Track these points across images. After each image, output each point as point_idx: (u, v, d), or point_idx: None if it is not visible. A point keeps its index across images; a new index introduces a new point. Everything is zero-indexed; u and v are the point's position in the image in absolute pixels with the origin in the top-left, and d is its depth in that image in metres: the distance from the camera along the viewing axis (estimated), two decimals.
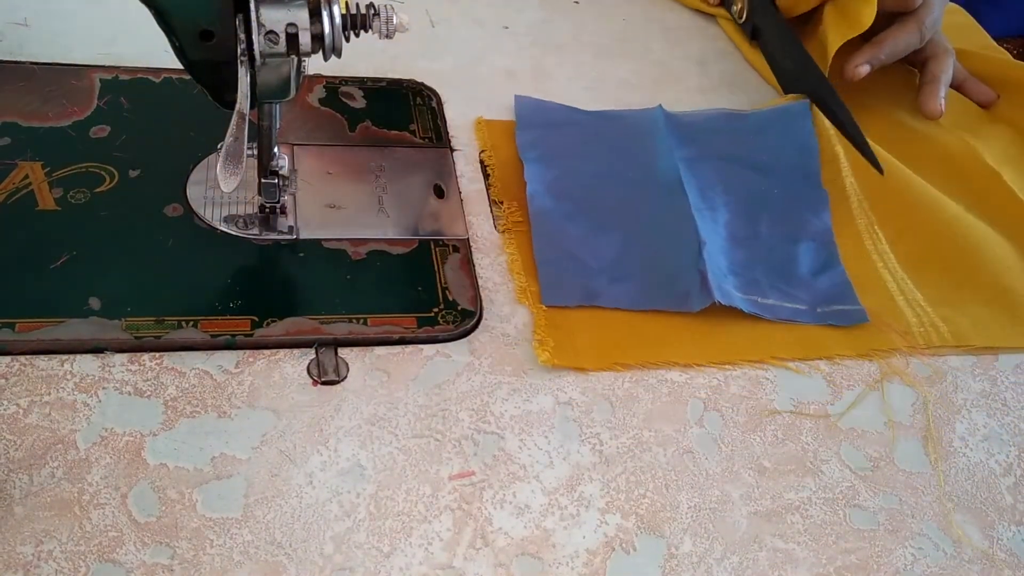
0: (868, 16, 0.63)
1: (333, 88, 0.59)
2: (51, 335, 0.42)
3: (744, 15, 0.71)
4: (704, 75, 0.68)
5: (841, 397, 0.49)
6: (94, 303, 0.43)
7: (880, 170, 0.58)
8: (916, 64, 0.68)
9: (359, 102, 0.58)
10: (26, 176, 0.48)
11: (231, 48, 0.40)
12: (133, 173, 0.50)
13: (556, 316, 0.48)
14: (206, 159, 0.51)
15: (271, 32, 0.39)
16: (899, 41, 0.64)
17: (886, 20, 0.65)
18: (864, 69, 0.64)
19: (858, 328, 0.52)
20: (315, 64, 0.49)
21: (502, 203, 0.54)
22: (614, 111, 0.62)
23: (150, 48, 0.54)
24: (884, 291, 0.54)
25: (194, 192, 0.49)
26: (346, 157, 0.55)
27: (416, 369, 0.45)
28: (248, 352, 0.44)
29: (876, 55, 0.64)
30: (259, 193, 0.48)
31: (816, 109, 0.63)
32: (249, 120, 0.40)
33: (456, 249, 0.50)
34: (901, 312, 0.53)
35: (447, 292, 0.48)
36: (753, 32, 0.71)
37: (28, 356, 0.41)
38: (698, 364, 0.48)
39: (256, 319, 0.44)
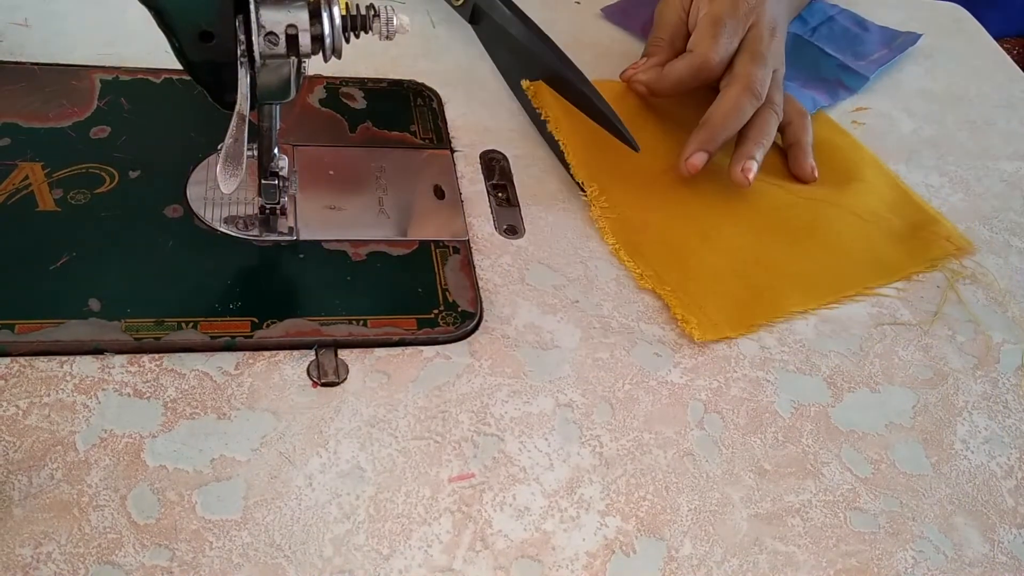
0: None
1: (333, 89, 0.59)
2: (51, 336, 0.42)
3: None
4: None
5: (842, 399, 0.49)
6: (94, 304, 0.43)
7: (635, 147, 0.54)
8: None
9: (359, 103, 0.58)
10: (26, 177, 0.48)
11: (231, 49, 0.40)
12: (133, 174, 0.50)
13: (683, 295, 0.51)
14: (206, 160, 0.51)
15: (271, 33, 0.39)
16: (730, 115, 0.57)
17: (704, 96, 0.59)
18: (701, 158, 0.56)
19: (913, 243, 0.58)
20: (315, 65, 0.49)
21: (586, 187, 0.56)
22: None
23: (150, 49, 0.54)
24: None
25: (194, 193, 0.49)
26: (346, 158, 0.55)
27: (416, 371, 0.45)
28: (248, 353, 0.44)
29: (709, 139, 0.56)
30: (259, 194, 0.48)
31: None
32: (249, 121, 0.40)
33: (456, 250, 0.50)
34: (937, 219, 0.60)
35: (447, 294, 0.48)
36: (473, 15, 0.61)
37: (28, 357, 0.41)
38: (812, 309, 0.53)
39: (256, 320, 0.44)
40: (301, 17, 0.39)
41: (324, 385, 0.43)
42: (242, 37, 0.39)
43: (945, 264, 0.58)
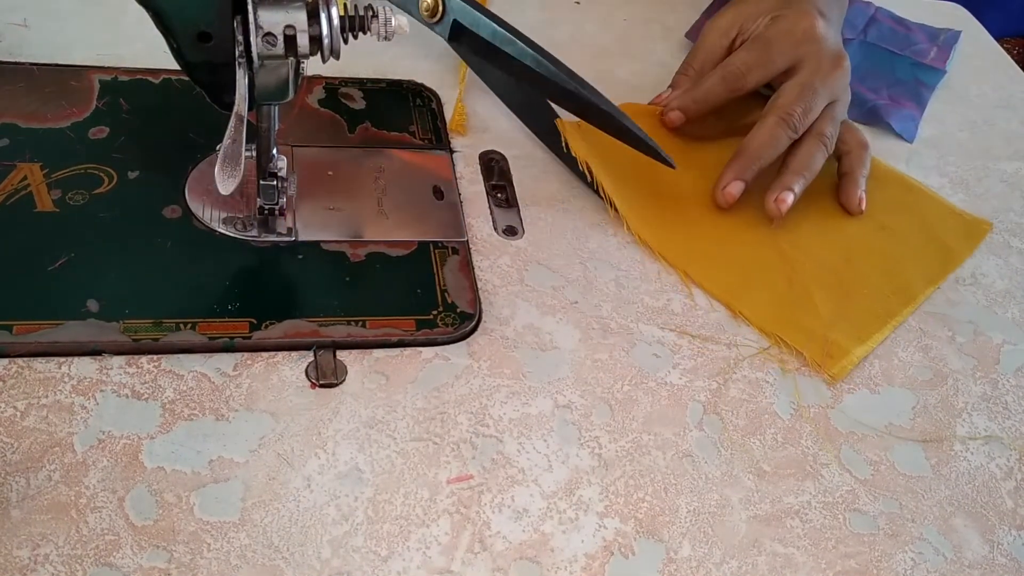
0: None
1: (332, 89, 0.59)
2: (49, 337, 0.42)
3: (439, 11, 0.54)
4: None
5: (841, 400, 0.49)
6: (92, 305, 0.43)
7: (671, 164, 0.52)
8: (836, 155, 0.61)
9: (359, 103, 0.58)
10: (25, 177, 0.48)
11: (229, 50, 0.40)
12: (132, 174, 0.50)
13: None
14: (205, 160, 0.51)
15: (269, 34, 0.39)
16: (765, 145, 0.56)
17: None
18: (737, 187, 0.56)
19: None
20: (314, 65, 0.48)
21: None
22: None
23: (149, 49, 0.54)
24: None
25: (193, 194, 0.49)
26: (345, 159, 0.54)
27: (415, 372, 0.45)
28: (246, 355, 0.44)
29: (744, 169, 0.56)
30: (258, 195, 0.48)
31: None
32: (248, 122, 0.40)
33: (455, 251, 0.50)
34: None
35: (446, 294, 0.48)
36: (453, 32, 0.54)
37: (26, 358, 0.41)
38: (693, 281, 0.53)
39: (254, 321, 0.44)
40: (299, 18, 0.39)
41: (322, 386, 0.43)
42: (240, 38, 0.39)
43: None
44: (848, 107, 0.60)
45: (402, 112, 0.58)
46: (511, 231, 0.53)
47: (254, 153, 0.46)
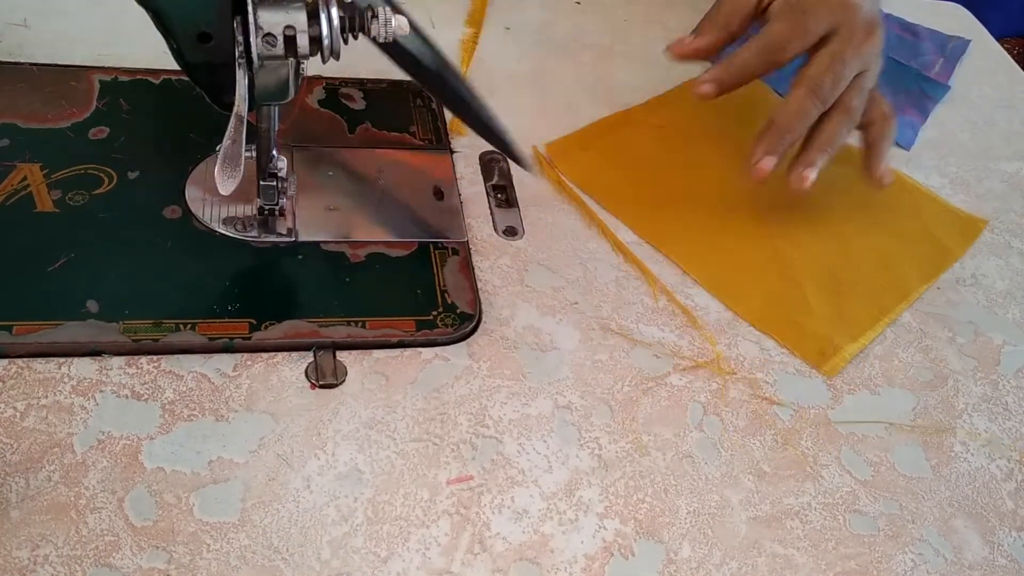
0: None
1: (333, 89, 0.59)
2: (48, 338, 0.42)
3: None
4: None
5: (841, 401, 0.49)
6: (92, 306, 0.43)
7: (527, 167, 0.51)
8: (859, 126, 0.58)
9: (359, 103, 0.58)
10: (24, 178, 0.48)
11: (229, 50, 0.39)
12: (132, 175, 0.50)
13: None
14: (205, 160, 0.51)
15: (269, 35, 0.39)
16: (794, 118, 0.55)
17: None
18: (770, 162, 0.54)
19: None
20: (315, 65, 0.48)
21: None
22: None
23: (149, 50, 0.54)
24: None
25: (193, 194, 0.49)
26: (346, 159, 0.54)
27: (415, 373, 0.45)
28: (246, 355, 0.44)
29: (775, 143, 0.54)
30: (258, 195, 0.47)
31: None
32: (248, 122, 0.40)
33: (455, 252, 0.50)
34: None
35: (446, 295, 0.48)
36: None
37: (25, 359, 0.41)
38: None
39: (254, 322, 0.44)
40: (299, 18, 0.39)
41: (322, 387, 0.43)
42: (240, 38, 0.39)
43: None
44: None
45: (402, 112, 0.58)
46: (511, 231, 0.53)
47: (254, 153, 0.46)
